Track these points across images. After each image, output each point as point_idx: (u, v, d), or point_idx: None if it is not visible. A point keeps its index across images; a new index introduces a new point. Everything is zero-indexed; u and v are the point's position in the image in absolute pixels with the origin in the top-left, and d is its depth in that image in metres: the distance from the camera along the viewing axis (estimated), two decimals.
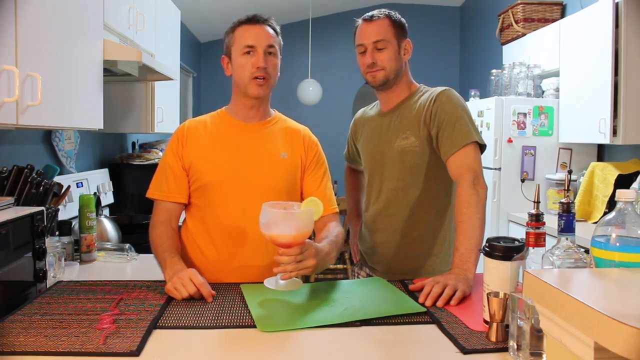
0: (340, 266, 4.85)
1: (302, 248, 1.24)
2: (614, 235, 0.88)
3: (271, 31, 1.52)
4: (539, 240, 1.03)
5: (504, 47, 4.02)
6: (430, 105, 1.59)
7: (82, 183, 2.50)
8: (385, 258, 1.69)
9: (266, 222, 1.24)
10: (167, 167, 1.53)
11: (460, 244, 1.42)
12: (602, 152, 3.30)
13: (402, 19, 1.67)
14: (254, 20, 1.51)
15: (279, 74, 1.56)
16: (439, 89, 1.64)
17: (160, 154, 3.17)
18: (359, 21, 1.68)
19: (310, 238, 1.30)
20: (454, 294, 1.27)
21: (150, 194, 1.54)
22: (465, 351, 1.01)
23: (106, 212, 2.78)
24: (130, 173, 3.03)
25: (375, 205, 1.72)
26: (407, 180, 1.64)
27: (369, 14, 1.65)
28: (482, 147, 1.55)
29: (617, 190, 0.91)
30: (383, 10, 1.65)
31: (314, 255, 1.27)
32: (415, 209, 1.64)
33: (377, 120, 1.75)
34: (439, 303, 1.25)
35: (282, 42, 1.57)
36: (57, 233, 1.87)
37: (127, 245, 2.02)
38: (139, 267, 1.92)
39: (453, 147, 1.52)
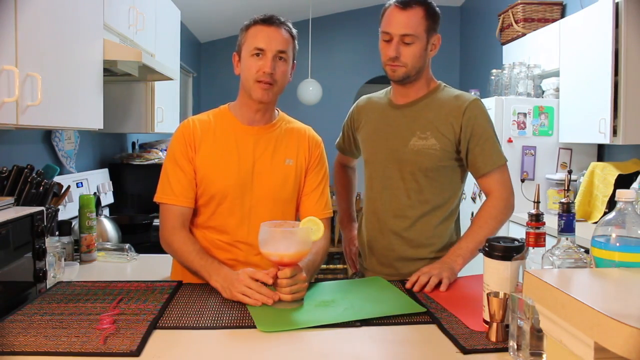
0: (340, 266, 4.85)
1: (292, 271, 1.25)
2: (614, 235, 0.88)
3: (286, 35, 1.45)
4: (539, 240, 1.03)
5: (504, 47, 4.02)
6: (460, 114, 1.54)
7: (82, 183, 2.50)
8: (389, 262, 1.64)
9: (262, 240, 1.25)
10: (177, 169, 1.46)
11: (464, 240, 1.51)
12: (602, 152, 3.30)
13: (438, 10, 1.53)
14: (269, 21, 1.44)
15: (290, 79, 1.51)
16: (468, 96, 1.59)
17: (161, 154, 3.16)
18: (390, 2, 1.52)
19: None
20: (440, 283, 1.38)
21: (159, 198, 1.47)
22: (465, 351, 1.01)
23: (106, 212, 2.77)
24: (130, 173, 3.03)
25: (379, 204, 1.64)
26: (421, 182, 1.57)
27: None
28: None
29: (617, 190, 0.91)
30: None
31: (304, 279, 1.29)
32: (426, 212, 1.59)
33: (388, 112, 1.64)
34: (426, 289, 1.36)
35: (297, 47, 1.51)
36: (57, 233, 1.87)
37: (127, 245, 2.02)
38: (139, 267, 1.92)
39: (490, 165, 1.55)
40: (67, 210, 2.22)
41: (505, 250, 1.09)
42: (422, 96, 1.61)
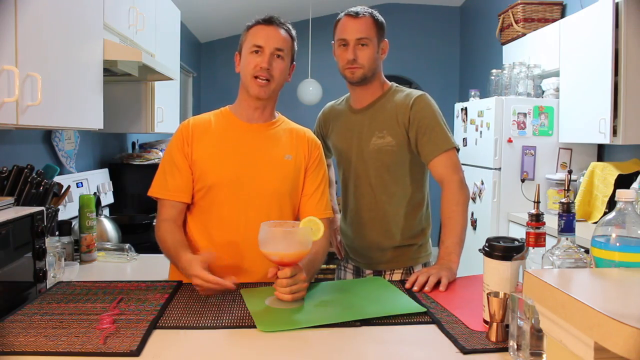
0: None
1: (293, 271, 1.25)
2: (614, 235, 0.88)
3: (284, 34, 1.50)
4: (539, 240, 1.03)
5: (504, 47, 4.02)
6: (408, 110, 1.67)
7: (82, 183, 2.50)
8: (368, 252, 1.76)
9: (262, 239, 1.25)
10: (173, 165, 1.49)
11: (446, 238, 1.57)
12: (602, 152, 3.30)
13: (383, 20, 1.70)
14: (269, 21, 1.50)
15: (289, 80, 1.55)
16: (415, 93, 1.72)
17: (161, 154, 3.17)
18: (342, 15, 1.70)
19: None
20: (439, 283, 1.40)
21: (153, 192, 1.50)
22: (465, 351, 1.01)
23: (106, 212, 2.78)
24: (130, 173, 3.03)
25: (354, 201, 1.76)
26: (385, 177, 1.70)
27: (354, 9, 1.68)
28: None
29: (617, 190, 0.91)
30: (366, 8, 1.68)
31: (304, 279, 1.29)
32: (394, 204, 1.71)
33: (350, 117, 1.78)
34: (426, 289, 1.38)
35: (296, 48, 1.56)
36: (57, 233, 1.87)
37: (127, 245, 2.02)
38: (139, 267, 1.92)
39: (436, 150, 1.64)
40: (67, 210, 2.22)
41: (505, 250, 1.10)
42: (377, 98, 1.74)
